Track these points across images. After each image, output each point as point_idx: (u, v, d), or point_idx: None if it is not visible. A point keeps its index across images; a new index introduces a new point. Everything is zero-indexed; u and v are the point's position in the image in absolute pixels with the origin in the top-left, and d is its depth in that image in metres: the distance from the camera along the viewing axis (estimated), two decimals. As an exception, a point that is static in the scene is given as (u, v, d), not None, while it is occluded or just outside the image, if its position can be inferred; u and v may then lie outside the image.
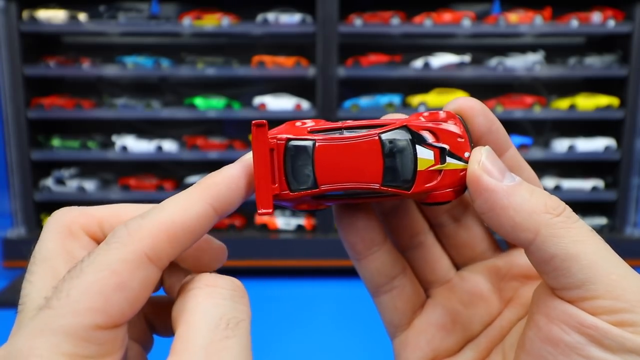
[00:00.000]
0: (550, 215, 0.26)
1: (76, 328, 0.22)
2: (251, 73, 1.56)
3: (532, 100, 1.58)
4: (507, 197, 0.27)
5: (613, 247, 0.28)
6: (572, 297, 0.26)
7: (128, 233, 0.25)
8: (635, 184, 1.57)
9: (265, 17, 1.54)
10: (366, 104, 1.57)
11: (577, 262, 0.25)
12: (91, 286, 0.23)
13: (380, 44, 1.67)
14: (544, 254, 0.26)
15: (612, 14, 1.53)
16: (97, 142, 1.60)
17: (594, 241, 0.26)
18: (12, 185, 1.56)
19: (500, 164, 0.29)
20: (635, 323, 0.24)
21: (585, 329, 0.25)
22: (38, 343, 0.22)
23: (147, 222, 0.25)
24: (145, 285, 0.24)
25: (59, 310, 0.22)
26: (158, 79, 1.70)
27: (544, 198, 0.27)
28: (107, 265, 0.24)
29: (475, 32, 1.56)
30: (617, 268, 0.26)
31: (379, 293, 0.34)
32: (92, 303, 0.23)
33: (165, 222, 0.25)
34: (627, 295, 0.25)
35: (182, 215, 0.26)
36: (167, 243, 0.25)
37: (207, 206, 0.26)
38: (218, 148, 1.58)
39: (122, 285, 0.23)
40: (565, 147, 1.58)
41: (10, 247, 1.52)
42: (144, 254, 0.24)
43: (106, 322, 0.23)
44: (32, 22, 1.51)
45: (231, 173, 0.28)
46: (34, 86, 1.57)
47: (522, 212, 0.26)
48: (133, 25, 1.55)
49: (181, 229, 0.25)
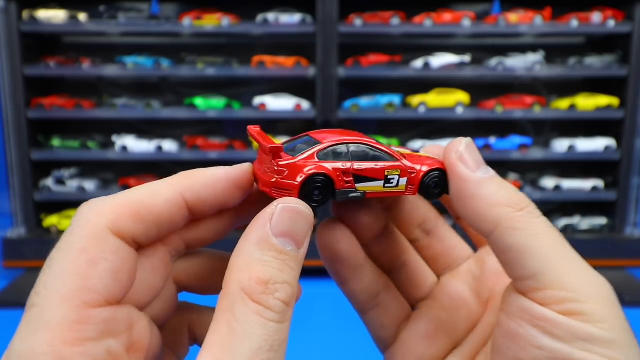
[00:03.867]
0: (512, 209, 0.28)
1: (66, 313, 0.22)
2: (251, 73, 1.56)
3: (532, 100, 1.58)
4: (477, 187, 0.28)
5: (613, 247, 0.28)
6: (526, 288, 0.27)
7: (90, 210, 0.25)
8: (635, 184, 1.57)
9: (265, 17, 1.54)
10: (366, 104, 1.57)
11: (530, 254, 0.27)
12: (64, 270, 0.23)
13: (380, 44, 1.67)
14: (502, 244, 0.28)
15: (612, 14, 1.53)
16: (97, 142, 1.60)
17: (549, 236, 0.28)
18: (12, 185, 1.56)
19: (477, 156, 0.30)
20: (582, 312, 0.25)
21: (536, 321, 0.26)
22: (36, 342, 0.22)
23: (111, 199, 0.26)
24: (119, 257, 0.24)
25: (43, 305, 0.22)
26: (158, 79, 1.70)
27: (510, 193, 0.28)
28: (73, 245, 0.24)
29: (475, 32, 1.56)
30: (567, 261, 0.27)
31: (365, 311, 0.35)
32: (71, 284, 0.23)
33: (131, 199, 0.26)
34: (575, 286, 0.26)
35: (150, 196, 0.26)
36: (129, 219, 0.25)
37: (177, 194, 0.27)
38: (218, 148, 1.58)
39: (94, 260, 0.23)
40: (565, 147, 1.58)
41: (10, 247, 1.52)
42: (106, 227, 0.24)
43: (94, 298, 0.23)
44: (32, 22, 1.50)
45: (212, 173, 0.29)
46: (34, 86, 1.57)
47: (486, 204, 0.28)
48: (133, 25, 1.55)
49: (145, 208, 0.26)
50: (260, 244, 0.25)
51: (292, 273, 0.26)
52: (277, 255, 0.25)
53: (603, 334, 0.25)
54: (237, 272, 0.25)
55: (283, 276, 0.25)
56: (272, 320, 0.24)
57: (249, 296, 0.24)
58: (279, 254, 0.25)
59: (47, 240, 1.54)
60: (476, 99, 1.61)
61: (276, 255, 0.25)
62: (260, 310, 0.24)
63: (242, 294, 0.24)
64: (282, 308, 0.24)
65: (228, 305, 0.24)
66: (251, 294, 0.24)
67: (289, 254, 0.26)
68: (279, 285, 0.25)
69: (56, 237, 1.57)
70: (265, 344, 0.23)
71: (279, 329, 0.24)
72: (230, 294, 0.24)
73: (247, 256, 0.25)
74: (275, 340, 0.24)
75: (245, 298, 0.24)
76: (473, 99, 1.61)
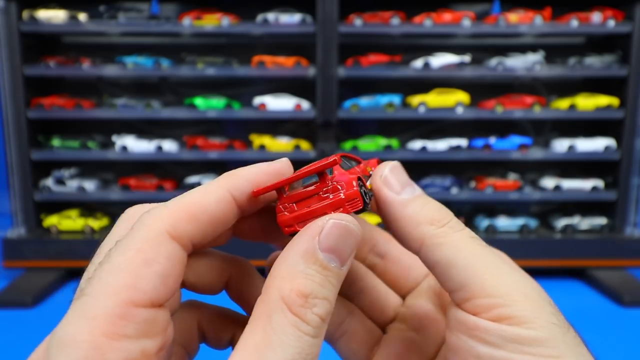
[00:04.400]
0: (434, 226, 0.29)
1: (112, 307, 0.23)
2: (251, 73, 1.56)
3: (532, 100, 1.58)
4: (400, 209, 0.30)
5: (613, 247, 0.29)
6: (459, 299, 0.28)
7: (149, 216, 0.26)
8: (635, 184, 1.57)
9: (265, 17, 1.54)
10: (366, 104, 1.57)
11: (455, 267, 0.28)
12: (119, 266, 0.24)
13: (380, 44, 1.67)
14: (429, 261, 0.29)
15: (612, 14, 1.53)
16: (97, 142, 1.60)
17: (471, 247, 0.28)
18: (12, 185, 1.56)
19: (403, 177, 0.31)
20: (510, 315, 0.26)
21: (471, 332, 0.27)
22: (78, 329, 0.22)
23: (169, 205, 0.26)
24: (171, 260, 0.25)
25: (92, 295, 0.23)
26: (158, 79, 1.70)
27: (432, 211, 0.30)
28: (131, 245, 0.24)
29: (475, 32, 1.56)
30: (490, 268, 0.28)
31: (333, 340, 0.36)
32: (123, 280, 0.23)
33: (186, 203, 0.26)
34: (499, 291, 0.27)
35: (202, 198, 0.27)
36: (186, 221, 0.26)
37: (226, 192, 0.28)
38: (218, 148, 1.58)
39: (148, 261, 0.24)
40: (565, 147, 1.58)
41: (10, 247, 1.52)
42: (164, 230, 0.25)
43: (141, 298, 0.23)
44: (32, 22, 1.51)
45: (254, 169, 0.29)
46: (34, 86, 1.57)
47: (411, 224, 0.29)
48: (133, 25, 1.55)
49: (199, 208, 0.27)
50: (306, 256, 0.26)
51: (333, 290, 0.26)
52: (321, 270, 0.26)
53: (531, 333, 0.26)
54: (279, 280, 0.25)
55: (323, 292, 0.25)
56: (307, 334, 0.24)
57: (288, 307, 0.24)
58: (322, 269, 0.26)
59: (47, 240, 1.54)
60: (476, 99, 1.61)
61: (320, 270, 0.26)
62: (297, 323, 0.24)
63: (281, 304, 0.24)
64: (319, 323, 0.25)
65: (266, 312, 0.24)
66: (290, 305, 0.24)
67: (332, 270, 0.26)
68: (319, 301, 0.25)
69: (56, 237, 1.58)
70: (299, 357, 0.24)
71: (313, 344, 0.24)
72: (270, 302, 0.25)
73: (291, 266, 0.26)
74: (308, 354, 0.24)
75: (284, 308, 0.24)
76: (473, 99, 1.61)
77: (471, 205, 1.73)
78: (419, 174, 1.64)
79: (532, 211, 1.72)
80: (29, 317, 1.29)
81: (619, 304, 1.37)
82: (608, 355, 1.12)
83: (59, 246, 1.53)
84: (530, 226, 1.60)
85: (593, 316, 1.32)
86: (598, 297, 1.44)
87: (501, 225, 1.60)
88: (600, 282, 1.46)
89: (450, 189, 1.60)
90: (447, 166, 1.66)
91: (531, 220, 1.60)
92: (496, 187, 1.59)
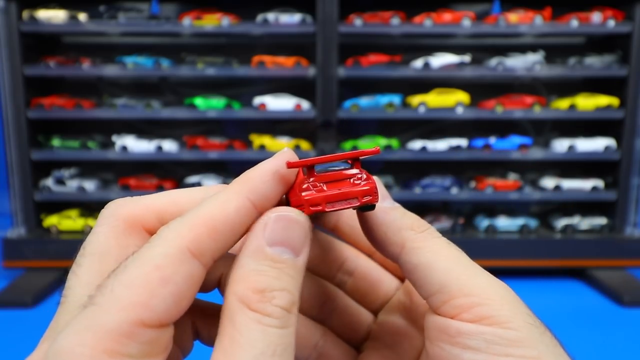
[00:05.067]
0: (415, 231, 0.30)
1: (120, 324, 0.22)
2: (251, 73, 1.56)
3: (532, 100, 1.58)
4: (383, 215, 0.31)
5: (613, 247, 0.29)
6: (437, 303, 0.28)
7: (169, 230, 0.25)
8: (635, 184, 1.57)
9: (265, 17, 1.54)
10: (366, 104, 1.57)
11: (434, 269, 0.29)
12: (135, 281, 0.23)
13: (380, 44, 1.67)
14: (409, 264, 0.30)
15: (612, 14, 1.53)
16: (97, 142, 1.60)
17: (449, 251, 0.30)
18: (12, 185, 1.56)
19: (383, 190, 0.32)
20: (489, 315, 0.27)
21: (453, 339, 0.27)
22: (81, 341, 0.22)
23: (187, 219, 0.25)
24: (189, 281, 0.24)
25: (103, 307, 0.22)
26: (158, 79, 1.70)
27: (412, 219, 0.31)
28: (150, 260, 0.24)
29: (475, 32, 1.56)
30: (467, 269, 0.29)
31: None
32: (136, 297, 0.22)
33: (205, 216, 0.25)
34: (477, 291, 0.28)
35: (221, 209, 0.26)
36: (207, 237, 0.25)
37: (245, 200, 0.27)
38: (218, 148, 1.58)
39: (166, 280, 0.23)
40: (565, 147, 1.58)
41: (10, 247, 1.52)
42: (186, 248, 0.24)
43: (151, 317, 0.23)
44: (32, 22, 1.51)
45: (265, 167, 0.28)
46: (34, 86, 1.57)
47: (392, 229, 0.30)
48: (133, 25, 1.55)
49: (221, 222, 0.26)
50: (254, 254, 0.26)
51: (291, 280, 0.26)
52: (273, 264, 0.25)
53: (511, 334, 0.26)
54: (233, 284, 0.25)
55: (281, 284, 0.25)
56: (272, 326, 0.24)
57: (247, 305, 0.24)
58: (275, 262, 0.26)
59: (47, 240, 1.54)
60: (476, 99, 1.61)
61: (272, 264, 0.25)
62: (259, 318, 0.24)
63: (239, 305, 0.24)
64: (282, 314, 0.25)
65: (228, 317, 0.24)
66: (248, 303, 0.24)
67: (285, 262, 0.26)
68: (277, 292, 0.25)
69: (56, 237, 1.57)
70: (268, 350, 0.23)
71: (282, 334, 0.24)
72: (230, 307, 0.24)
73: (242, 268, 0.25)
74: (278, 346, 0.24)
75: (243, 308, 0.24)
76: (473, 99, 1.61)
77: (471, 205, 1.73)
78: (419, 174, 1.64)
79: (532, 211, 1.72)
80: (29, 317, 1.29)
81: (619, 304, 1.37)
82: (608, 355, 1.12)
83: (59, 246, 1.53)
84: (530, 226, 1.60)
85: (593, 316, 1.32)
86: (598, 297, 1.44)
87: (501, 225, 1.60)
88: (600, 282, 1.46)
89: (450, 189, 1.60)
90: (447, 166, 1.66)
91: (531, 220, 1.60)
92: (496, 187, 1.59)
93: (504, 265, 1.53)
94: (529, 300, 0.29)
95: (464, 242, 0.34)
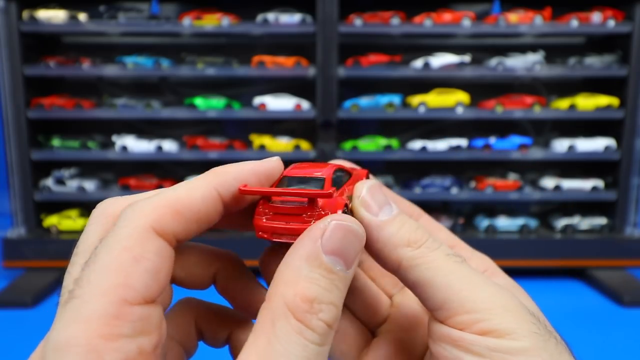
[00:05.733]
0: (411, 248, 0.29)
1: (105, 308, 0.22)
2: (251, 73, 1.56)
3: (532, 100, 1.58)
4: (377, 231, 0.29)
5: (613, 247, 0.29)
6: (440, 317, 0.28)
7: (133, 211, 0.25)
8: (635, 184, 1.57)
9: (265, 17, 1.54)
10: (366, 104, 1.57)
11: (433, 287, 0.28)
12: (108, 266, 0.23)
13: (380, 44, 1.67)
14: (408, 282, 0.29)
15: (612, 14, 1.53)
16: (97, 142, 1.60)
17: (447, 265, 0.29)
18: (12, 185, 1.56)
19: (380, 197, 0.30)
20: (492, 329, 0.26)
21: (456, 342, 0.27)
22: (73, 333, 0.22)
23: (152, 200, 0.26)
24: (160, 256, 0.24)
25: (84, 297, 0.23)
26: (158, 79, 1.70)
27: (409, 233, 0.29)
28: (117, 243, 0.24)
29: (475, 32, 1.56)
30: (468, 283, 0.28)
31: None
32: (113, 279, 0.23)
33: (170, 198, 0.26)
34: (479, 306, 0.27)
35: (188, 194, 0.26)
36: (171, 217, 0.25)
37: (212, 190, 0.27)
38: (218, 148, 1.58)
39: (137, 258, 0.23)
40: (565, 147, 1.58)
41: (10, 247, 1.52)
42: (150, 226, 0.25)
43: (133, 296, 0.23)
44: (32, 22, 1.50)
45: (243, 167, 0.29)
46: (34, 86, 1.57)
47: (388, 246, 0.29)
48: (133, 25, 1.55)
49: (184, 205, 0.26)
50: (309, 259, 0.25)
51: (339, 294, 0.25)
52: (326, 274, 0.25)
53: (514, 344, 0.26)
54: (282, 286, 0.24)
55: (330, 296, 0.25)
56: (313, 342, 0.23)
57: (292, 313, 0.23)
58: (328, 272, 0.25)
59: (47, 240, 1.54)
60: (476, 99, 1.61)
61: (325, 274, 0.25)
62: (302, 330, 0.23)
63: (285, 310, 0.24)
64: (325, 330, 0.24)
65: (270, 319, 0.24)
66: (294, 311, 0.24)
67: (337, 274, 0.25)
68: (324, 306, 0.24)
69: (56, 237, 1.57)
70: None
71: (319, 352, 0.24)
72: (273, 308, 0.24)
73: (294, 271, 0.25)
74: None
75: (288, 314, 0.23)
76: (473, 99, 1.61)
77: (471, 205, 1.73)
78: (419, 174, 1.64)
79: (532, 211, 1.72)
80: (29, 317, 1.29)
81: (619, 304, 1.37)
82: (608, 355, 1.12)
83: (59, 246, 1.53)
84: (530, 226, 1.60)
85: (593, 316, 1.32)
86: (598, 297, 1.44)
87: (501, 225, 1.60)
88: (600, 282, 1.46)
89: (450, 189, 1.60)
90: (447, 166, 1.66)
91: (531, 220, 1.60)
92: (496, 187, 1.59)
93: (504, 265, 1.51)
94: (529, 301, 0.29)
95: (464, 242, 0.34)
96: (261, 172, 0.29)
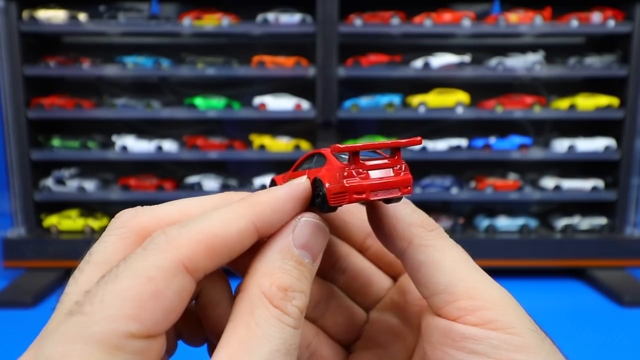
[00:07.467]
0: (424, 229, 0.30)
1: (109, 335, 0.22)
2: (251, 73, 1.56)
3: (532, 100, 1.58)
4: (394, 209, 0.31)
5: (613, 247, 0.29)
6: (440, 303, 0.29)
7: (166, 240, 0.24)
8: (635, 184, 1.57)
9: (265, 17, 1.54)
10: (366, 104, 1.57)
11: (440, 269, 0.29)
12: (126, 292, 0.22)
13: (380, 44, 1.67)
14: (415, 261, 0.30)
15: (612, 14, 1.53)
16: (97, 142, 1.60)
17: (456, 252, 0.30)
18: (12, 185, 1.56)
19: None
20: (493, 319, 0.27)
21: (458, 343, 0.27)
22: (69, 351, 0.21)
23: (187, 231, 0.25)
24: (180, 295, 0.24)
25: (92, 317, 0.22)
26: (158, 79, 1.70)
27: (423, 216, 0.31)
28: (143, 271, 0.23)
29: (475, 32, 1.56)
30: (473, 273, 0.29)
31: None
32: (126, 310, 0.22)
33: (206, 233, 0.25)
34: (482, 294, 0.28)
35: (224, 228, 0.25)
36: (204, 254, 0.24)
37: (250, 223, 0.26)
38: (218, 148, 1.58)
39: (157, 294, 0.23)
40: (565, 147, 1.58)
41: (10, 247, 1.52)
42: (181, 263, 0.24)
43: (140, 330, 0.22)
44: (32, 22, 1.50)
45: (278, 195, 0.28)
46: (34, 86, 1.57)
47: (402, 223, 0.30)
48: (133, 25, 1.55)
49: (220, 242, 0.25)
50: (282, 252, 0.27)
51: (307, 284, 0.27)
52: (297, 265, 0.27)
53: (515, 339, 0.26)
54: (259, 276, 0.26)
55: (300, 285, 0.26)
56: (289, 325, 0.25)
57: (270, 300, 0.25)
58: (298, 264, 0.27)
59: (47, 240, 1.54)
60: (476, 99, 1.61)
61: (296, 265, 0.27)
62: (279, 315, 0.25)
63: (262, 298, 0.25)
64: (298, 315, 0.26)
65: (248, 308, 0.25)
66: (272, 299, 0.25)
67: (306, 265, 0.27)
68: (297, 294, 0.26)
69: (56, 237, 1.57)
70: (283, 347, 0.24)
71: (295, 334, 0.25)
72: (251, 298, 0.25)
73: (269, 263, 0.27)
74: (291, 345, 0.25)
75: (266, 302, 0.25)
76: (473, 99, 1.61)
77: (471, 205, 1.73)
78: (419, 174, 1.64)
79: (532, 211, 1.72)
80: (29, 317, 1.29)
81: (619, 304, 1.37)
82: (608, 355, 1.12)
83: (59, 246, 1.53)
84: (530, 226, 1.60)
85: (593, 316, 1.32)
86: (598, 297, 1.44)
87: (501, 225, 1.60)
88: (600, 282, 1.46)
89: (450, 189, 1.60)
90: (447, 166, 1.66)
91: (531, 220, 1.60)
92: (496, 187, 1.59)
93: (504, 265, 1.53)
94: (529, 301, 0.29)
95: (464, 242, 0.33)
96: (295, 196, 0.29)
